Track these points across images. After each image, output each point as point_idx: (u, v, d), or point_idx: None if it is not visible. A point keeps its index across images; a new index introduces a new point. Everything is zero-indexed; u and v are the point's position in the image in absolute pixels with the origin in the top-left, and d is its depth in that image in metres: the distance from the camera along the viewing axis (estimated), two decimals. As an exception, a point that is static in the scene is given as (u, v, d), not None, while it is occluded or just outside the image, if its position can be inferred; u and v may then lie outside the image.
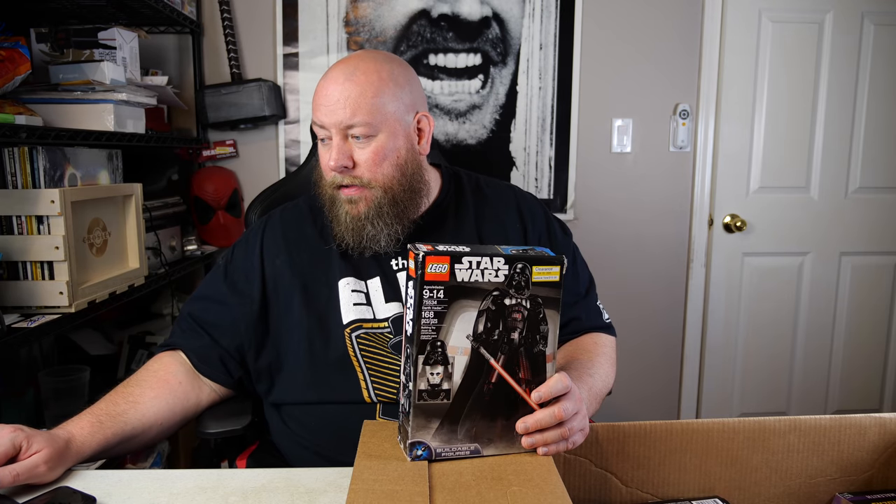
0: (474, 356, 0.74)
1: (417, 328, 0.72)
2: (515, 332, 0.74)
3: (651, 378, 2.44)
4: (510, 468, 0.70)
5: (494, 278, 0.72)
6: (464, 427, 0.75)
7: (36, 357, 1.67)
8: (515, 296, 0.73)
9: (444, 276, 0.71)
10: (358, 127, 1.01)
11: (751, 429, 0.77)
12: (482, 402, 0.75)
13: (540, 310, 0.74)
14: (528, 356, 0.75)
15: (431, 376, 0.74)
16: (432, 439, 0.74)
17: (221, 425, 1.06)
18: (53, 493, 0.76)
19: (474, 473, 0.69)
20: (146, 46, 2.00)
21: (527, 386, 0.76)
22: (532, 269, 0.73)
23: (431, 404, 0.74)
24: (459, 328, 0.73)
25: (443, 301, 0.72)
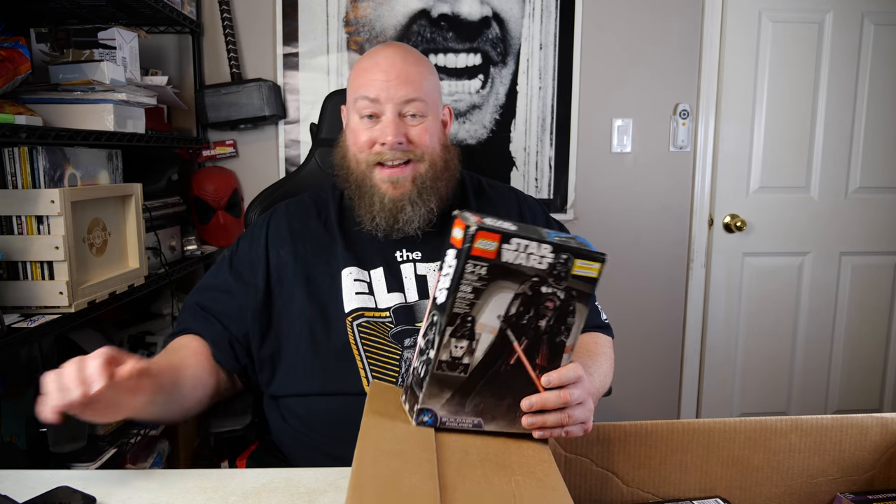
0: (500, 337, 0.73)
1: (452, 300, 0.70)
2: (544, 320, 0.73)
3: (651, 378, 2.44)
4: (514, 458, 0.70)
5: (538, 264, 0.71)
6: (472, 402, 0.75)
7: (36, 357, 1.67)
8: (553, 285, 0.72)
9: (490, 254, 0.69)
10: (415, 103, 1.06)
11: (752, 428, 0.77)
12: (496, 382, 0.75)
13: (572, 302, 0.73)
14: (550, 344, 0.75)
15: (455, 349, 0.73)
16: (441, 409, 0.74)
17: (222, 425, 1.06)
18: (53, 493, 0.76)
19: (479, 455, 0.69)
20: (146, 46, 2.00)
21: (541, 372, 0.75)
22: (575, 261, 0.72)
23: (448, 376, 0.73)
24: (493, 307, 0.71)
25: (483, 278, 0.70)
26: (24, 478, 0.81)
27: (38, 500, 0.75)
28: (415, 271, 1.08)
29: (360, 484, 0.55)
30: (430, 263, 1.09)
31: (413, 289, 1.07)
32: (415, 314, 1.04)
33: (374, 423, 0.71)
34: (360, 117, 1.08)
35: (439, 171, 1.09)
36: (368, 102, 1.06)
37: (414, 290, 1.06)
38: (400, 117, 1.06)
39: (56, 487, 0.77)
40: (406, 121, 1.07)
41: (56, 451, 1.41)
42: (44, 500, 0.75)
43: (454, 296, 0.70)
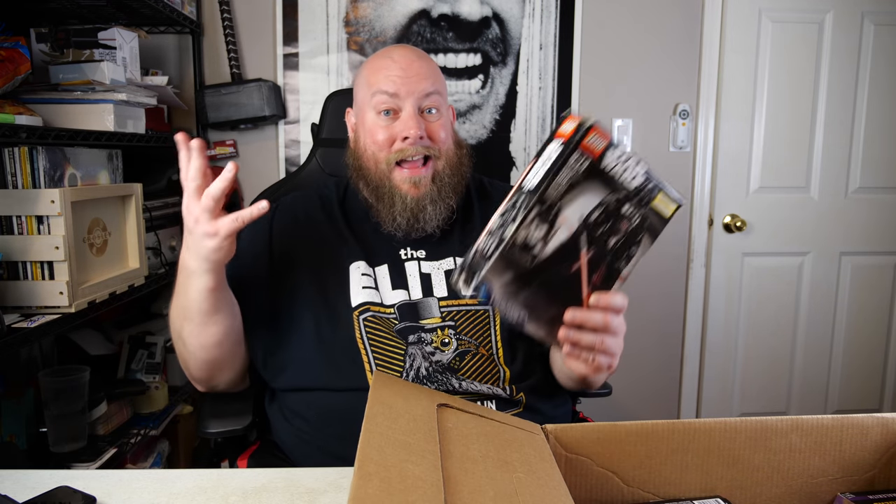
0: (573, 238, 0.73)
1: (547, 184, 0.71)
2: (614, 238, 0.74)
3: (651, 378, 2.44)
4: (515, 455, 0.70)
5: (629, 181, 0.73)
6: (525, 293, 0.74)
7: (36, 357, 1.67)
8: (634, 207, 0.74)
9: (595, 153, 0.71)
10: (434, 96, 1.07)
11: (752, 428, 0.77)
12: (552, 283, 0.75)
13: (642, 233, 0.75)
14: (609, 266, 0.75)
15: (533, 233, 0.73)
16: (499, 288, 0.73)
17: (222, 425, 1.06)
18: (53, 493, 0.76)
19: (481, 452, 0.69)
20: (146, 46, 2.00)
21: (592, 290, 0.76)
22: (658, 194, 0.74)
23: (517, 258, 0.73)
24: (578, 206, 0.72)
25: (581, 173, 0.71)
26: (24, 478, 0.81)
27: (38, 500, 0.75)
28: (419, 269, 1.08)
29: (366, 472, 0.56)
30: (435, 262, 1.09)
31: (417, 286, 1.06)
32: (419, 311, 1.04)
33: (378, 412, 0.71)
34: (378, 113, 1.07)
35: (455, 167, 1.10)
36: (387, 97, 1.06)
37: (418, 287, 1.06)
38: (419, 112, 1.06)
39: (56, 487, 0.77)
40: (425, 116, 1.07)
41: (56, 451, 1.41)
42: (44, 500, 0.75)
43: (551, 180, 0.71)
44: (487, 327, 1.05)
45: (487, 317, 1.06)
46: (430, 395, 0.81)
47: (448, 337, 1.03)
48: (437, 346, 1.02)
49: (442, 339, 1.03)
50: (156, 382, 1.76)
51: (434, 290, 1.06)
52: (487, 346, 1.04)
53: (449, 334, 1.03)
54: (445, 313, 1.04)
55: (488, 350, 1.04)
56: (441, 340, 1.03)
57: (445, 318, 1.04)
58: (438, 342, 1.03)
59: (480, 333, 1.05)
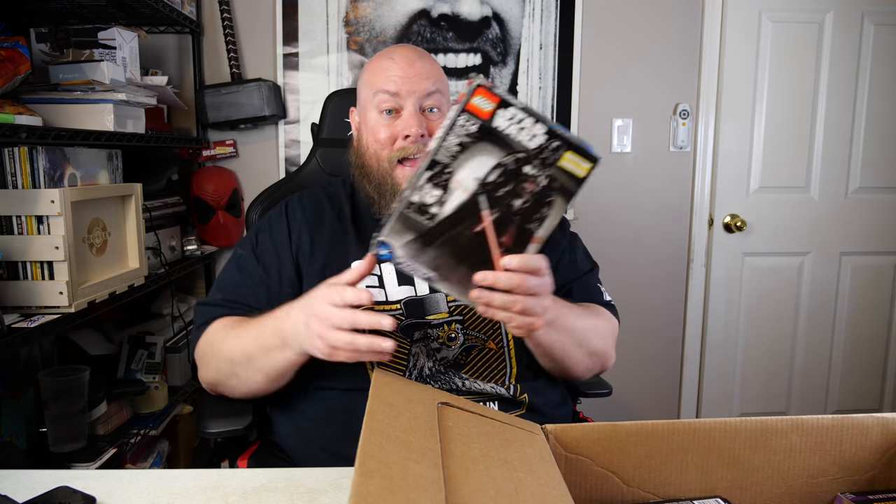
0: (472, 200, 0.74)
1: (437, 147, 0.73)
2: (519, 200, 0.74)
3: (651, 378, 2.44)
4: (515, 455, 0.70)
5: (527, 141, 0.72)
6: (431, 254, 0.76)
7: (36, 357, 1.67)
8: (538, 167, 0.73)
9: (484, 114, 0.71)
10: (435, 95, 1.08)
11: (753, 428, 0.77)
12: (457, 244, 0.76)
13: (552, 194, 0.74)
14: (519, 228, 0.75)
15: (427, 195, 0.74)
16: (400, 248, 0.76)
17: (222, 425, 1.06)
18: (53, 493, 0.76)
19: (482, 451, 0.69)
20: (146, 46, 2.00)
21: (504, 252, 0.76)
22: (565, 153, 0.72)
23: (415, 218, 0.75)
24: (473, 167, 0.73)
25: (472, 135, 0.72)
26: (24, 478, 0.81)
27: (38, 500, 0.75)
28: None
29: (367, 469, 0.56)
30: None
31: (424, 282, 1.06)
32: (425, 307, 1.05)
33: (379, 409, 0.71)
34: (380, 112, 1.08)
35: None
36: (389, 97, 1.07)
37: (425, 283, 1.07)
38: (420, 111, 1.07)
39: (56, 487, 0.77)
40: (426, 115, 1.08)
41: (56, 451, 1.41)
42: (44, 500, 0.75)
43: (440, 143, 0.72)
44: (497, 321, 1.05)
45: None
46: (431, 394, 0.81)
47: (455, 332, 1.03)
48: (443, 341, 1.03)
49: (448, 335, 1.03)
50: (156, 382, 1.76)
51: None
52: (497, 340, 1.05)
53: (456, 329, 1.04)
54: (453, 307, 1.05)
55: (498, 344, 1.05)
56: (448, 336, 1.03)
57: (453, 312, 1.05)
58: (445, 337, 1.03)
59: (490, 326, 1.05)
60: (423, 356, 1.01)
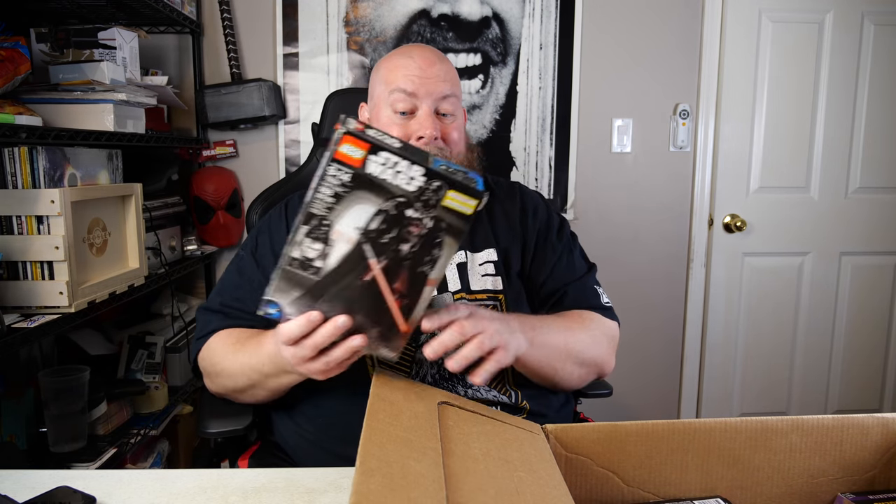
0: (356, 250, 0.71)
1: (312, 200, 0.69)
2: (406, 245, 0.71)
3: (651, 378, 2.44)
4: (515, 455, 0.70)
5: (406, 185, 0.68)
6: (322, 307, 0.73)
7: (36, 357, 1.67)
8: (420, 210, 0.69)
9: (355, 162, 0.68)
10: (451, 99, 1.07)
11: (753, 428, 0.77)
12: (347, 294, 0.73)
13: (440, 234, 0.70)
14: (411, 272, 0.72)
15: (308, 249, 0.71)
16: (288, 305, 0.73)
17: (222, 425, 1.06)
18: (53, 493, 0.76)
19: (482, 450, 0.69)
20: (146, 46, 2.00)
21: (399, 298, 0.73)
22: (447, 192, 0.69)
23: (299, 274, 0.72)
24: (352, 217, 0.69)
25: (346, 185, 0.68)
26: (24, 478, 0.81)
27: (38, 500, 0.75)
28: None
29: (368, 468, 0.56)
30: None
31: None
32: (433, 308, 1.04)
33: (380, 408, 0.71)
34: (394, 112, 1.07)
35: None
36: (405, 96, 1.05)
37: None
38: (435, 114, 1.06)
39: (56, 487, 0.77)
40: (440, 118, 1.07)
41: (56, 451, 1.41)
42: (44, 500, 0.75)
43: (314, 196, 0.69)
44: None
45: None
46: (431, 393, 0.81)
47: None
48: None
49: None
50: (156, 382, 1.76)
51: (448, 285, 1.06)
52: None
53: None
54: None
55: None
56: None
57: None
58: None
59: None
60: (427, 362, 1.00)
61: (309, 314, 0.73)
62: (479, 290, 1.06)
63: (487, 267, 1.09)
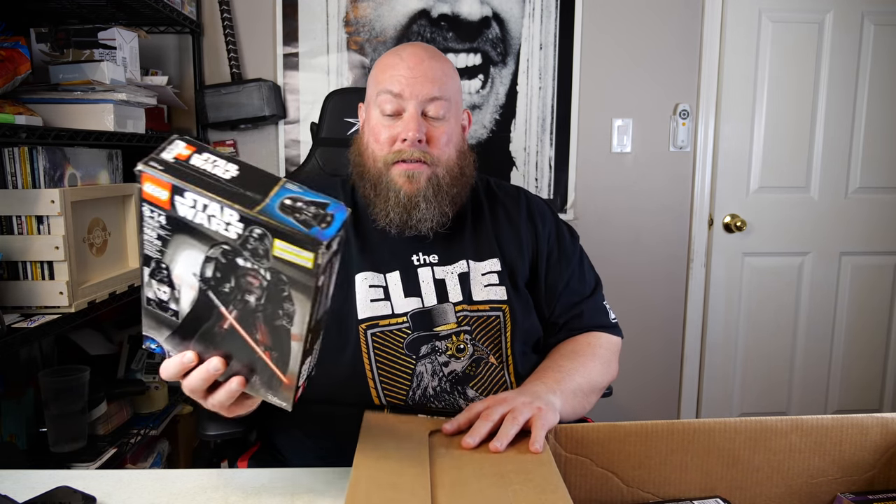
0: (203, 296, 0.63)
1: (141, 240, 0.63)
2: (252, 296, 0.62)
3: (651, 378, 2.44)
4: (510, 466, 0.70)
5: (224, 231, 0.59)
6: (197, 347, 0.67)
7: (36, 357, 1.67)
8: (251, 260, 0.60)
9: (163, 203, 0.60)
10: (439, 102, 1.04)
11: (752, 428, 0.77)
12: (215, 340, 0.66)
13: (284, 288, 0.60)
14: (269, 325, 0.63)
15: (158, 291, 0.65)
16: (165, 342, 0.68)
17: (221, 427, 1.06)
18: (53, 493, 0.76)
19: (474, 471, 0.69)
20: (146, 46, 2.00)
21: (266, 350, 0.65)
22: (275, 241, 0.58)
23: (161, 315, 0.66)
24: (185, 262, 0.62)
25: (166, 227, 0.61)
26: (24, 478, 0.81)
27: (38, 500, 0.75)
28: (433, 275, 1.05)
29: None
30: (447, 266, 1.06)
31: (431, 293, 1.04)
32: (433, 319, 1.02)
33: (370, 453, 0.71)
34: (382, 114, 1.05)
35: (455, 176, 1.07)
36: (391, 97, 1.04)
37: (432, 294, 1.03)
38: (422, 116, 1.04)
39: (56, 487, 0.77)
40: (428, 121, 1.05)
41: (56, 451, 1.41)
42: (44, 500, 0.75)
43: (141, 237, 0.62)
44: (499, 335, 1.03)
45: (499, 324, 1.04)
46: (420, 426, 0.82)
47: (464, 343, 1.01)
48: (452, 353, 1.00)
49: (457, 346, 1.01)
50: (156, 382, 1.76)
51: (449, 295, 1.04)
52: (498, 355, 1.03)
53: (465, 339, 1.01)
54: (461, 318, 1.02)
55: (498, 359, 1.02)
56: (456, 347, 1.00)
57: (461, 322, 1.02)
58: (454, 349, 1.00)
59: (492, 341, 1.03)
60: (427, 375, 0.99)
61: (182, 355, 0.68)
62: (481, 300, 1.04)
63: (491, 277, 1.06)
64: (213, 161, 0.61)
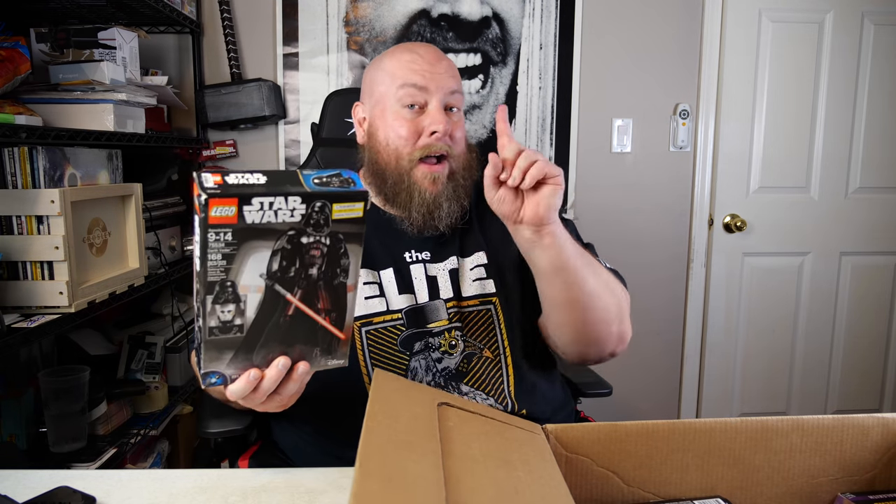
0: (269, 293, 0.70)
1: (205, 269, 0.68)
2: (314, 268, 0.71)
3: (651, 378, 2.44)
4: (515, 455, 0.70)
5: (290, 218, 0.67)
6: (260, 354, 0.73)
7: (36, 357, 1.67)
8: (314, 234, 0.69)
9: (231, 220, 0.66)
10: (458, 95, 1.07)
11: (753, 428, 0.77)
12: (279, 332, 0.73)
13: (341, 245, 0.71)
14: (328, 288, 0.72)
15: (222, 314, 0.71)
16: (226, 368, 0.73)
17: (222, 425, 1.06)
18: (53, 493, 0.76)
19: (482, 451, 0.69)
20: (146, 46, 2.00)
21: (326, 315, 0.73)
22: (333, 206, 0.68)
23: (224, 339, 0.71)
24: (251, 268, 0.69)
25: (231, 243, 0.67)
26: (24, 478, 0.81)
27: (38, 500, 0.75)
28: (425, 272, 1.06)
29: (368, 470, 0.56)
30: (439, 263, 1.07)
31: (424, 290, 1.04)
32: (426, 315, 1.03)
33: (379, 410, 0.71)
34: (403, 106, 1.04)
35: (467, 170, 1.08)
36: (416, 90, 1.03)
37: (425, 291, 1.04)
38: (444, 110, 1.05)
39: (56, 487, 0.77)
40: (448, 113, 1.05)
41: (56, 451, 1.41)
42: (44, 500, 0.75)
43: (205, 266, 0.68)
44: (493, 328, 1.04)
45: (491, 317, 1.04)
46: (431, 394, 0.81)
47: (455, 339, 1.02)
48: (444, 349, 1.01)
49: (450, 342, 1.01)
50: (156, 382, 1.76)
51: (440, 292, 1.05)
52: (494, 348, 1.03)
53: (456, 336, 1.02)
54: (453, 314, 1.03)
55: (494, 352, 1.03)
56: (449, 343, 1.01)
57: (453, 319, 1.03)
58: (446, 345, 1.01)
59: (486, 334, 1.03)
60: (421, 370, 1.00)
61: (248, 374, 0.73)
62: (469, 296, 1.05)
63: (478, 271, 1.07)
64: (243, 176, 0.67)
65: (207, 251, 0.67)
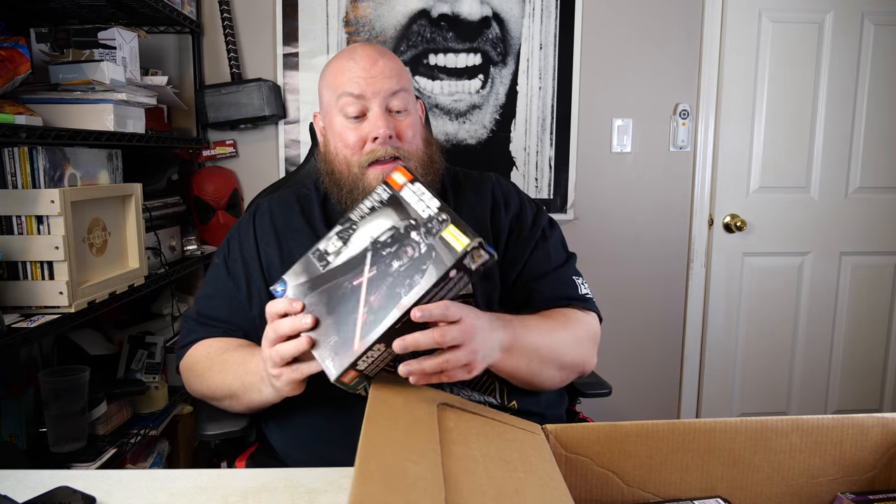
0: (360, 255, 0.80)
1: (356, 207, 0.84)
2: (398, 262, 0.78)
3: (651, 378, 2.44)
4: (515, 455, 0.70)
5: (421, 211, 0.79)
6: (310, 299, 0.81)
7: (36, 357, 1.67)
8: (422, 235, 0.78)
9: (397, 187, 0.83)
10: (401, 94, 1.05)
11: (753, 428, 0.77)
12: (334, 294, 0.80)
13: (428, 261, 0.76)
14: (389, 289, 0.77)
15: (331, 244, 0.83)
16: (293, 287, 0.83)
17: (220, 427, 1.06)
18: (53, 493, 0.76)
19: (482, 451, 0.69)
20: (146, 46, 2.00)
21: (368, 311, 0.77)
22: (449, 226, 0.77)
23: (314, 263, 0.83)
24: (372, 227, 0.81)
25: (383, 202, 0.82)
26: (24, 478, 0.81)
27: (38, 500, 0.75)
28: None
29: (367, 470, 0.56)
30: None
31: None
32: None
33: (379, 411, 0.71)
34: (346, 117, 1.05)
35: (426, 166, 1.08)
36: (353, 99, 1.04)
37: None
38: (387, 112, 1.04)
39: (56, 487, 0.77)
40: (393, 115, 1.05)
41: (56, 451, 1.41)
42: (44, 500, 0.75)
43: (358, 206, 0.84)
44: None
45: None
46: (431, 395, 0.81)
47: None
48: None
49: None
50: (156, 382, 1.76)
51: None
52: None
53: None
54: None
55: None
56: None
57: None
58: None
59: None
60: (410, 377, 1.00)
61: (293, 300, 0.81)
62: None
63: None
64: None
65: (368, 197, 0.84)
